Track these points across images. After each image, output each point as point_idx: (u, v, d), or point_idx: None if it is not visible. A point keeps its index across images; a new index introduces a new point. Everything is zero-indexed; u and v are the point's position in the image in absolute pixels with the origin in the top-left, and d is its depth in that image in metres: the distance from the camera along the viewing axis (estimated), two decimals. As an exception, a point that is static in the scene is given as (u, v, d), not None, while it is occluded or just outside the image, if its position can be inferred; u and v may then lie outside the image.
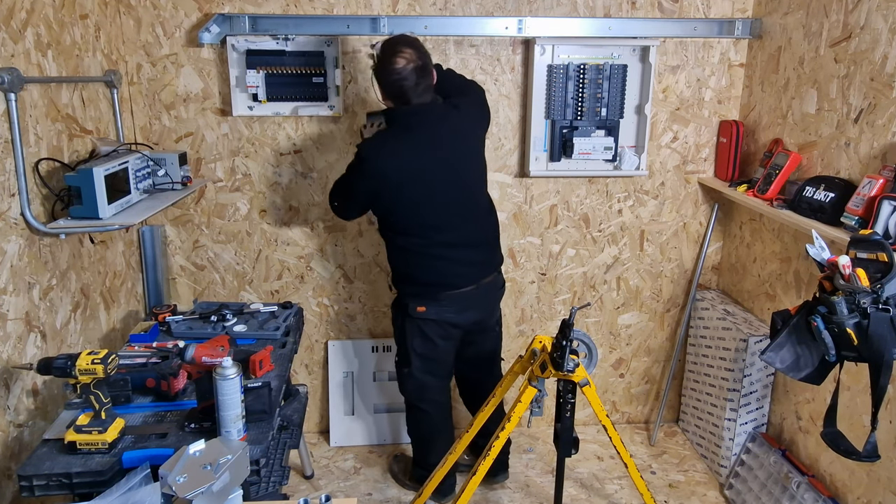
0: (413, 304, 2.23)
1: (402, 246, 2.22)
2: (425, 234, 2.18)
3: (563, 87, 2.55)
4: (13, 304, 1.69)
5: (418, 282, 2.24)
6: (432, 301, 2.22)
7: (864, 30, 1.99)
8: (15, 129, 1.66)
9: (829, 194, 2.01)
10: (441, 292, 2.22)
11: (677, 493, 2.59)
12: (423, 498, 2.29)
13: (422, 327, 2.25)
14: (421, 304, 2.23)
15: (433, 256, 2.19)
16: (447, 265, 2.21)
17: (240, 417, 1.56)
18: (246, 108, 2.48)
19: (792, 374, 1.66)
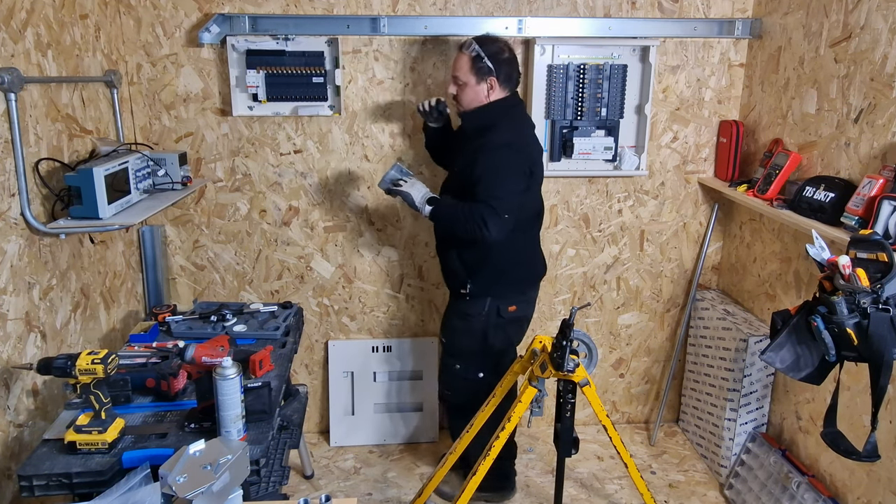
0: (504, 305, 2.25)
1: (513, 239, 2.16)
2: (534, 222, 2.33)
3: (563, 87, 2.55)
4: (13, 304, 1.69)
5: (512, 278, 2.26)
6: (521, 298, 2.31)
7: (864, 30, 1.99)
8: (15, 129, 1.66)
9: (829, 194, 2.01)
10: (530, 287, 2.36)
11: (677, 493, 2.59)
12: (423, 498, 2.29)
13: (507, 329, 2.30)
14: (511, 303, 2.27)
15: (534, 247, 2.36)
16: (537, 255, 2.39)
17: (240, 417, 1.56)
18: (246, 108, 2.48)
19: (792, 374, 1.66)
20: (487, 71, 2.13)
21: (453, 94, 2.20)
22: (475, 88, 2.15)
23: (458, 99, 2.19)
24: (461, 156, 2.20)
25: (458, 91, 2.18)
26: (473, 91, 2.16)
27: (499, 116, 2.17)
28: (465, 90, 2.16)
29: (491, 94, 2.16)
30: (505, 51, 2.16)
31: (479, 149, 2.12)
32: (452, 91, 2.20)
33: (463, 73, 2.14)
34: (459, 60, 2.15)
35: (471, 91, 2.16)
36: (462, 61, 2.14)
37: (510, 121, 2.18)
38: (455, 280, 2.28)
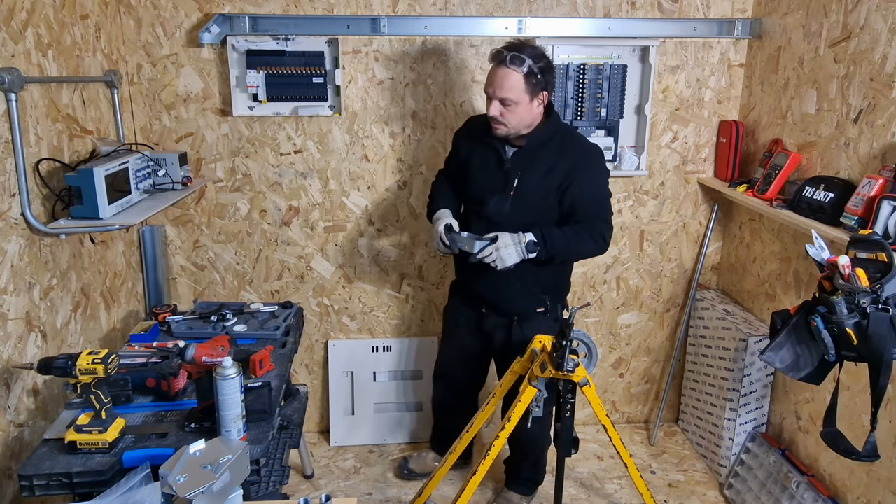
0: (563, 304, 2.28)
1: None
2: None
3: (563, 87, 2.55)
4: (13, 303, 1.69)
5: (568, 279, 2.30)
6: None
7: (863, 30, 1.99)
8: (15, 129, 1.66)
9: (828, 194, 2.01)
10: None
11: (677, 493, 2.59)
12: (423, 498, 2.29)
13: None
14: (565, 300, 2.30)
15: None
16: None
17: (240, 417, 1.56)
18: (246, 108, 2.48)
19: (791, 373, 1.66)
20: (542, 86, 1.95)
21: (497, 115, 1.97)
22: (529, 107, 1.96)
23: (505, 119, 1.97)
24: (531, 175, 2.04)
25: (505, 113, 1.96)
26: (527, 110, 1.96)
27: (559, 126, 2.08)
28: (517, 111, 1.95)
29: (541, 108, 2.00)
30: (546, 57, 1.98)
31: (571, 166, 2.00)
32: (496, 113, 1.96)
33: (515, 94, 1.92)
34: (509, 79, 1.91)
35: (524, 111, 1.96)
36: (513, 80, 1.91)
37: (569, 128, 2.13)
38: (530, 301, 2.16)
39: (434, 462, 2.59)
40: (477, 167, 2.14)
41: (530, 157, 2.05)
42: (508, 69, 1.90)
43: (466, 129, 2.26)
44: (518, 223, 2.02)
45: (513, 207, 2.05)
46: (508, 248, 1.96)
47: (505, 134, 2.02)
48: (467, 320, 2.32)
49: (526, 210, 2.05)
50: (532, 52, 1.93)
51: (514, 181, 2.05)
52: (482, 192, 2.11)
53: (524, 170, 2.05)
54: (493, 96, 1.96)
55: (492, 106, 1.97)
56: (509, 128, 1.99)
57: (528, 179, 2.04)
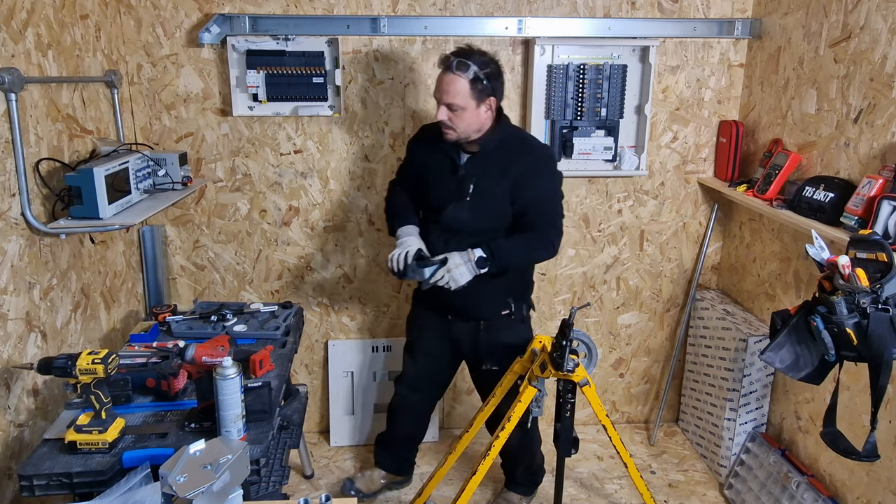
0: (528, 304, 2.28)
1: None
2: None
3: (563, 87, 2.55)
4: (13, 303, 1.69)
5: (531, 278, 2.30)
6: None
7: (863, 30, 1.99)
8: (15, 129, 1.66)
9: (828, 194, 2.01)
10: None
11: (677, 493, 2.59)
12: (423, 498, 2.29)
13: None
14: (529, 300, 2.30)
15: None
16: None
17: (240, 417, 1.56)
18: (246, 108, 2.48)
19: (791, 373, 1.66)
20: (488, 92, 1.96)
21: (445, 120, 1.98)
22: (476, 113, 1.97)
23: (453, 124, 1.98)
24: (486, 180, 2.04)
25: (452, 118, 1.97)
26: (474, 115, 1.97)
27: (510, 130, 2.10)
28: (464, 116, 1.96)
29: (489, 114, 2.01)
30: (495, 63, 1.99)
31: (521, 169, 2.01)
32: (444, 118, 1.98)
33: (461, 99, 1.93)
34: (455, 84, 1.92)
35: (471, 116, 1.97)
36: (458, 85, 1.92)
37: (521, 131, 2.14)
38: (495, 305, 2.16)
39: (381, 480, 2.53)
40: (432, 175, 2.13)
41: (484, 162, 2.05)
42: (454, 75, 1.92)
43: (420, 138, 2.25)
44: (475, 229, 2.04)
45: (470, 213, 2.05)
46: (459, 268, 1.97)
47: (455, 139, 2.02)
48: (433, 327, 2.29)
49: (483, 215, 2.05)
50: (479, 58, 1.94)
51: (470, 187, 2.04)
52: (439, 200, 2.10)
53: (479, 175, 2.04)
54: (440, 101, 1.97)
55: (440, 111, 1.97)
56: (458, 133, 1.99)
57: (484, 184, 2.04)
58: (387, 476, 2.55)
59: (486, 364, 2.24)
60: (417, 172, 2.19)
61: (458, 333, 2.24)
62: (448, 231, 2.08)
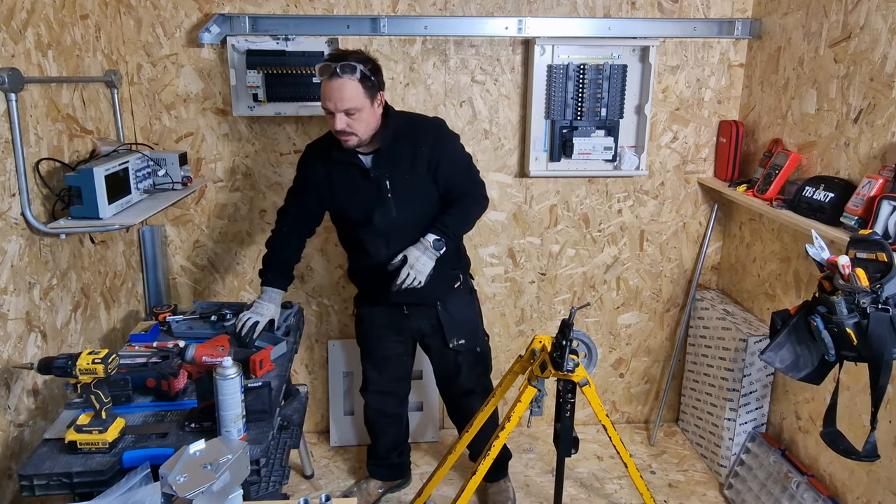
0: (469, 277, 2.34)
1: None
2: None
3: (563, 87, 2.55)
4: (14, 303, 1.69)
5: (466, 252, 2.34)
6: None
7: (863, 30, 1.99)
8: (15, 129, 1.66)
9: (828, 194, 2.01)
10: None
11: (677, 493, 2.59)
12: (423, 498, 2.29)
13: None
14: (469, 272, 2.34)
15: None
16: None
17: (240, 417, 1.56)
18: (246, 108, 2.48)
19: (791, 373, 1.67)
20: (377, 87, 1.95)
21: (344, 128, 1.93)
22: (372, 111, 1.95)
23: (353, 129, 1.94)
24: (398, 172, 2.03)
25: (351, 123, 1.92)
26: (371, 114, 1.95)
27: (398, 116, 2.08)
28: (362, 118, 1.93)
29: (380, 109, 2.00)
30: (372, 59, 1.98)
31: (429, 149, 2.03)
32: (343, 126, 1.92)
33: (357, 101, 1.90)
34: (346, 89, 1.88)
35: (368, 116, 1.95)
36: (350, 89, 1.88)
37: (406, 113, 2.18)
38: (447, 281, 2.20)
39: (378, 490, 2.52)
40: (342, 188, 2.09)
41: (389, 156, 2.03)
42: (343, 79, 1.87)
43: (310, 157, 2.17)
44: (408, 223, 2.05)
45: (398, 210, 2.05)
46: (420, 260, 1.99)
47: (356, 144, 1.99)
48: (388, 326, 2.28)
49: (410, 207, 2.06)
50: (357, 56, 1.92)
51: (387, 184, 2.04)
52: (361, 209, 2.07)
53: (390, 170, 2.04)
54: (335, 110, 1.91)
55: (337, 120, 1.92)
56: (360, 136, 1.96)
57: (398, 178, 2.04)
58: (384, 484, 2.54)
59: (452, 342, 2.25)
60: (321, 193, 2.13)
61: (416, 323, 2.26)
62: (383, 236, 2.08)
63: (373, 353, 2.36)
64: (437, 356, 2.34)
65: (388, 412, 2.46)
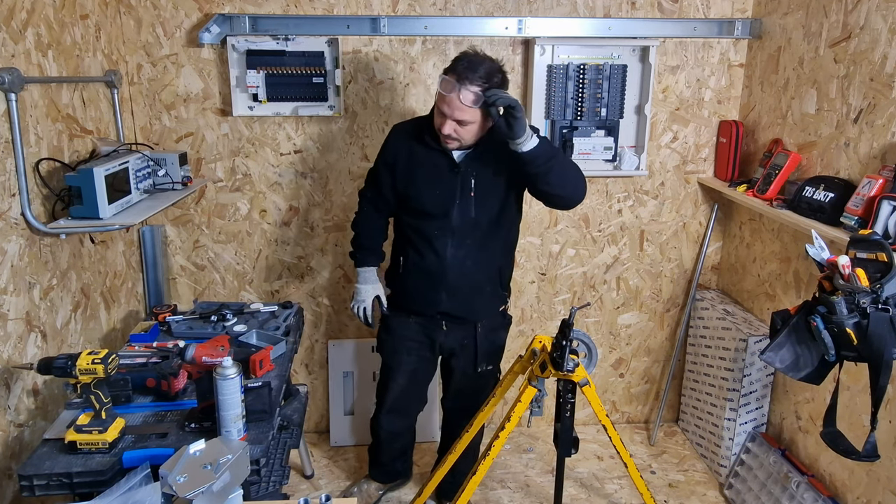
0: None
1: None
2: None
3: (563, 87, 2.55)
4: (13, 303, 1.69)
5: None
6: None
7: (863, 30, 1.99)
8: (15, 129, 1.66)
9: (828, 194, 2.01)
10: None
11: (677, 493, 2.59)
12: (422, 498, 2.29)
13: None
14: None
15: None
16: None
17: (240, 417, 1.56)
18: (246, 108, 2.48)
19: (791, 373, 1.66)
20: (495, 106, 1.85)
21: (450, 133, 1.89)
22: (483, 124, 1.91)
23: (458, 136, 1.91)
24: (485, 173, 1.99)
25: (459, 131, 1.89)
26: (480, 127, 1.92)
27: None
28: (471, 129, 1.90)
29: (492, 120, 1.90)
30: (502, 72, 1.90)
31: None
32: (449, 131, 1.89)
33: (471, 114, 1.86)
34: (465, 104, 1.83)
35: (478, 128, 1.91)
36: (468, 106, 1.84)
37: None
38: (495, 302, 2.18)
39: (378, 491, 2.49)
40: (425, 177, 2.03)
41: (481, 156, 1.99)
42: (463, 90, 1.82)
43: (397, 140, 2.10)
44: (483, 225, 2.03)
45: (477, 210, 2.01)
46: (517, 107, 1.79)
47: (456, 148, 1.97)
48: (418, 340, 2.21)
49: (488, 209, 2.02)
50: (488, 67, 1.85)
51: (472, 182, 1.99)
52: (439, 201, 2.01)
53: (478, 169, 1.99)
54: (448, 116, 1.87)
55: (446, 125, 1.88)
56: (462, 143, 1.94)
57: (484, 178, 1.99)
58: (383, 486, 2.52)
59: (481, 366, 2.22)
60: (399, 176, 2.07)
61: (451, 342, 2.20)
62: (453, 231, 2.03)
63: (400, 366, 2.26)
64: (459, 378, 2.28)
65: (400, 431, 2.40)
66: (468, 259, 2.06)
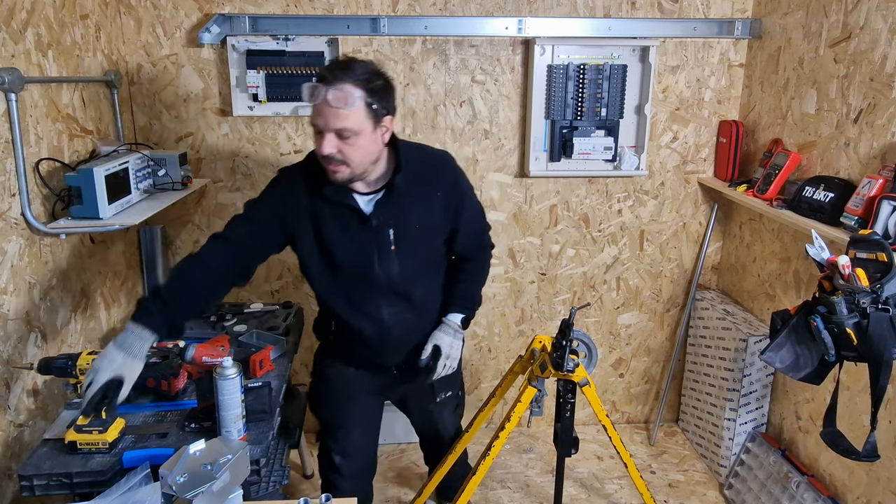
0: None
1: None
2: None
3: (563, 87, 2.55)
4: (13, 303, 1.69)
5: None
6: None
7: (863, 30, 1.99)
8: (15, 129, 1.66)
9: (828, 194, 2.01)
10: None
11: (677, 493, 2.59)
12: (422, 498, 2.29)
13: None
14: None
15: None
16: None
17: (240, 417, 1.56)
18: (246, 108, 2.48)
19: (791, 373, 1.66)
20: (385, 109, 1.59)
21: (332, 153, 1.55)
22: (373, 137, 1.58)
23: (345, 156, 1.56)
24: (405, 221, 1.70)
25: (344, 149, 1.55)
26: (371, 141, 1.58)
27: (409, 150, 1.71)
28: (359, 144, 1.55)
29: (386, 138, 1.63)
30: (383, 74, 1.61)
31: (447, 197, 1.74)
32: (331, 150, 1.54)
33: (354, 121, 1.52)
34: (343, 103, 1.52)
35: (367, 143, 1.57)
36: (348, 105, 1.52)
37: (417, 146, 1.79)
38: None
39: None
40: (333, 234, 1.69)
41: (399, 200, 1.68)
42: (340, 90, 1.51)
43: (291, 187, 1.71)
44: (412, 277, 1.76)
45: (401, 265, 1.72)
46: (454, 347, 1.83)
47: (347, 178, 1.60)
48: (368, 391, 1.94)
49: (416, 260, 1.75)
50: (366, 67, 1.57)
51: (390, 234, 1.69)
52: (356, 263, 1.71)
53: (396, 218, 1.69)
54: (325, 128, 1.54)
55: (325, 142, 1.54)
56: (352, 168, 1.58)
57: (406, 228, 1.70)
58: None
59: (440, 396, 2.01)
60: (295, 232, 1.72)
61: (406, 389, 1.99)
62: (379, 290, 1.74)
63: (338, 427, 1.94)
64: (418, 413, 2.10)
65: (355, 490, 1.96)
66: (408, 312, 1.80)
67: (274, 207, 1.71)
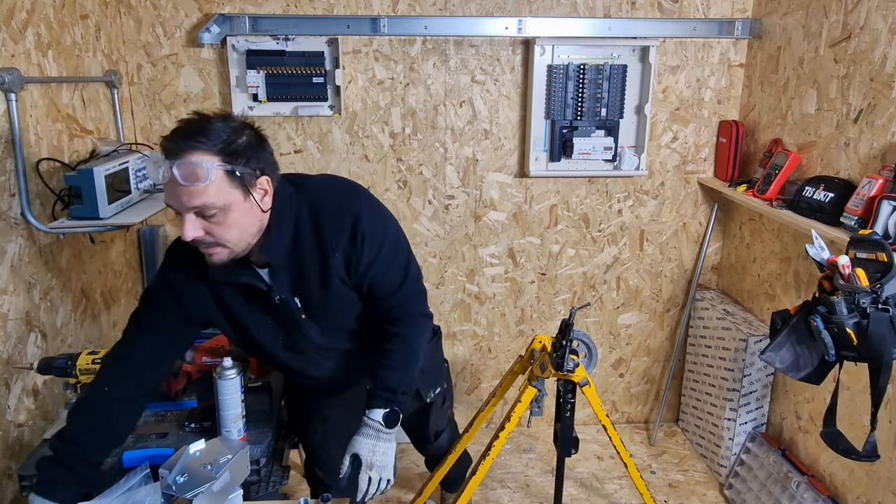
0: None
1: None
2: None
3: (563, 87, 2.55)
4: (13, 303, 1.69)
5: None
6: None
7: (863, 30, 1.99)
8: (15, 129, 1.66)
9: (828, 194, 2.01)
10: None
11: (677, 493, 2.59)
12: (422, 498, 2.29)
13: None
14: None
15: None
16: None
17: (240, 417, 1.56)
18: (246, 108, 2.48)
19: (791, 373, 1.66)
20: (256, 170, 1.30)
21: (199, 237, 1.28)
22: (246, 208, 1.30)
23: (217, 237, 1.30)
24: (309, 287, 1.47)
25: (213, 230, 1.28)
26: (245, 213, 1.30)
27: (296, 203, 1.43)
28: (229, 220, 1.28)
29: (267, 199, 1.35)
30: (245, 125, 1.32)
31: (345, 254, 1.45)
32: (194, 233, 1.27)
33: (214, 197, 1.24)
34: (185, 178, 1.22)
35: (241, 216, 1.30)
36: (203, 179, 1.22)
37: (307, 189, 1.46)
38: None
39: None
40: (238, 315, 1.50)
41: (290, 266, 1.44)
42: (193, 164, 1.22)
43: (181, 282, 1.47)
44: (335, 336, 1.59)
45: (322, 329, 1.55)
46: (377, 450, 1.47)
47: (227, 259, 1.34)
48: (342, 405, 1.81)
49: (333, 321, 1.56)
50: (220, 128, 1.26)
51: (296, 303, 1.48)
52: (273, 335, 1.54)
53: (296, 285, 1.46)
54: (181, 209, 1.26)
55: (186, 226, 1.26)
56: (231, 247, 1.32)
57: (311, 294, 1.48)
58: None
59: (428, 396, 1.90)
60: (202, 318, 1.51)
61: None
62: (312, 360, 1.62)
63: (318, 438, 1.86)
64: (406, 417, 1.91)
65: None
66: (350, 357, 1.65)
67: (170, 309, 1.47)
